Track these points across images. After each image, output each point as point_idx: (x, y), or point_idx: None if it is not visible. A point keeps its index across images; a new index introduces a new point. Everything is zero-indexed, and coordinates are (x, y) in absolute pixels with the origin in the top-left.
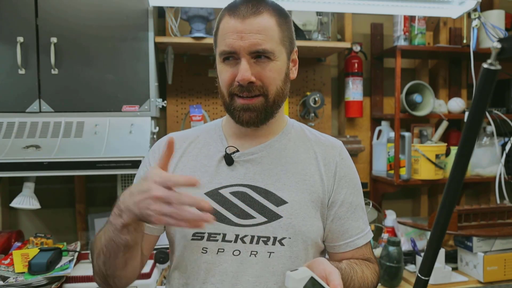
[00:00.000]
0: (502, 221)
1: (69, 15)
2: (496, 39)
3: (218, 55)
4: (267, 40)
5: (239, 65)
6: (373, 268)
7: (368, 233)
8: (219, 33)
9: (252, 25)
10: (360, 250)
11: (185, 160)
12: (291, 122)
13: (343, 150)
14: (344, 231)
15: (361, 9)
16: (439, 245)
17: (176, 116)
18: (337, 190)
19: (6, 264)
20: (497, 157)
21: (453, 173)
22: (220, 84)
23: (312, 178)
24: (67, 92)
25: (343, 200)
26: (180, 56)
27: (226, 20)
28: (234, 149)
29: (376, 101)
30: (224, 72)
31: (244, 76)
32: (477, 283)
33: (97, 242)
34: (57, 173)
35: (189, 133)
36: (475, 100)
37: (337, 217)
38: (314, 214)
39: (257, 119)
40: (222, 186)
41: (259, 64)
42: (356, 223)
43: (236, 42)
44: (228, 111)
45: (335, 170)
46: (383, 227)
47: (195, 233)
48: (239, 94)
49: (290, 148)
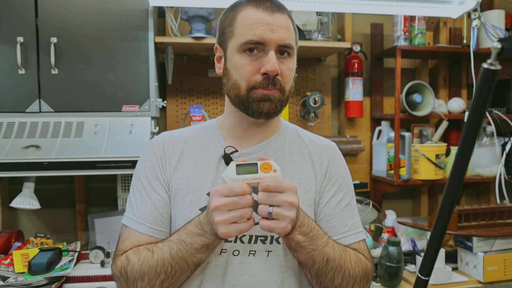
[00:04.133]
0: (502, 221)
1: (69, 15)
2: (496, 39)
3: (238, 45)
4: (291, 36)
5: (264, 58)
6: (363, 260)
7: (357, 233)
8: (238, 23)
9: (281, 20)
10: (350, 247)
11: (184, 161)
12: (286, 123)
13: (335, 150)
14: (330, 228)
15: (361, 9)
16: (439, 245)
17: (176, 116)
18: (326, 187)
19: (6, 264)
20: (497, 157)
21: (453, 173)
22: (234, 77)
23: (307, 177)
24: (67, 92)
25: (331, 197)
26: (180, 56)
27: (250, 11)
28: (233, 149)
29: (376, 101)
30: (244, 64)
31: (275, 67)
32: (477, 283)
33: (151, 263)
34: (57, 173)
35: (184, 132)
36: (475, 100)
37: (324, 214)
38: (309, 213)
39: (276, 110)
40: None
41: (280, 60)
42: (344, 221)
43: (267, 33)
44: (242, 104)
45: (327, 168)
46: (383, 227)
47: None
48: (264, 87)
49: (286, 148)
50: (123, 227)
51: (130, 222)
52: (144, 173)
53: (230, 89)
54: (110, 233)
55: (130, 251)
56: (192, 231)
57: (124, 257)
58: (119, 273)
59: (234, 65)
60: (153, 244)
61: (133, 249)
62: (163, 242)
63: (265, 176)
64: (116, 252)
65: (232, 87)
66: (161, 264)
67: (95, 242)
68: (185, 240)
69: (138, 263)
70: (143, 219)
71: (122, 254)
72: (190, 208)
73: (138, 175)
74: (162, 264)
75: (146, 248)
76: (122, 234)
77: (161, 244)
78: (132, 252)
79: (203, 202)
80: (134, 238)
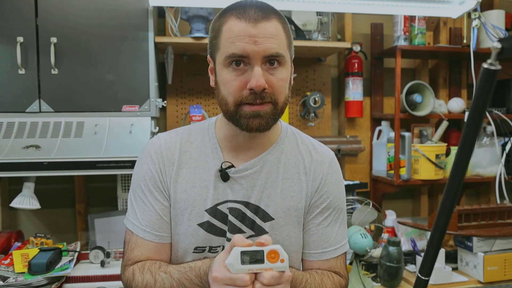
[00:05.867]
0: (502, 221)
1: (69, 15)
2: (496, 39)
3: (223, 59)
4: (279, 44)
5: (250, 72)
6: (337, 281)
7: (339, 248)
8: (222, 36)
9: (265, 30)
10: (328, 262)
11: (183, 173)
12: (285, 128)
13: (332, 165)
14: (313, 241)
15: (361, 9)
16: (439, 245)
17: (176, 116)
18: (315, 203)
19: (6, 264)
20: (497, 157)
21: (453, 173)
22: (223, 92)
23: (299, 195)
24: (67, 92)
25: (318, 213)
26: (180, 56)
27: (233, 23)
28: (229, 164)
29: (376, 101)
30: (231, 80)
31: (260, 83)
32: (477, 283)
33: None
34: (57, 173)
35: (180, 135)
36: (475, 100)
37: (307, 228)
38: (298, 229)
39: (266, 126)
40: (219, 202)
41: (269, 71)
42: (326, 237)
43: (249, 46)
44: (232, 120)
45: (319, 185)
46: (383, 227)
47: (196, 247)
48: (251, 102)
49: (282, 162)
50: (129, 232)
51: (136, 229)
52: (144, 181)
53: (220, 103)
54: (110, 233)
55: (136, 266)
56: (192, 280)
57: (131, 271)
58: (125, 284)
59: (222, 80)
60: (157, 268)
61: (140, 264)
62: (166, 273)
63: (272, 267)
64: (125, 260)
65: (222, 102)
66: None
67: (95, 242)
68: (185, 284)
69: (141, 285)
70: (149, 227)
71: (131, 265)
72: (189, 222)
73: (138, 182)
74: None
75: (150, 271)
76: (129, 241)
77: (164, 275)
78: (138, 269)
79: (201, 218)
80: (142, 247)
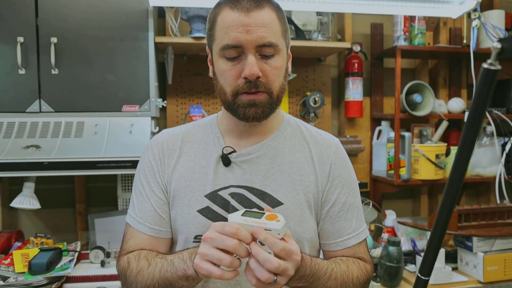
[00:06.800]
0: (502, 221)
1: (69, 15)
2: (496, 39)
3: (218, 50)
4: (272, 33)
5: (244, 61)
6: (363, 266)
7: (361, 233)
8: (217, 27)
9: (257, 19)
10: (351, 249)
11: (183, 161)
12: (287, 118)
13: (338, 148)
14: (335, 230)
15: (361, 9)
16: (439, 245)
17: (176, 116)
18: (330, 190)
19: (6, 264)
20: (497, 157)
21: (453, 173)
22: (221, 82)
23: (308, 178)
24: (67, 92)
25: (336, 200)
26: (180, 56)
27: (227, 14)
28: (231, 149)
29: (376, 101)
30: (227, 70)
31: (253, 71)
32: (477, 283)
33: (144, 274)
34: (57, 173)
35: (184, 128)
36: (475, 100)
37: (329, 217)
38: (309, 214)
39: (263, 115)
40: (220, 188)
41: (264, 60)
42: (348, 223)
43: (242, 35)
44: (229, 109)
45: (330, 169)
46: (383, 227)
47: (197, 235)
48: (247, 91)
49: (285, 147)
50: (127, 225)
51: (132, 221)
52: (144, 173)
53: (219, 93)
54: (110, 233)
55: (132, 254)
56: (183, 257)
57: (126, 259)
58: (120, 272)
59: (218, 70)
60: (154, 254)
61: (135, 252)
62: (162, 257)
63: (266, 223)
64: (121, 250)
65: (220, 92)
66: (151, 278)
67: (95, 242)
68: (174, 263)
69: (135, 271)
70: (143, 219)
71: (125, 254)
72: (188, 209)
73: (138, 175)
74: (151, 278)
75: (146, 257)
76: (126, 233)
77: (158, 259)
78: (133, 257)
79: (200, 204)
80: (136, 238)
